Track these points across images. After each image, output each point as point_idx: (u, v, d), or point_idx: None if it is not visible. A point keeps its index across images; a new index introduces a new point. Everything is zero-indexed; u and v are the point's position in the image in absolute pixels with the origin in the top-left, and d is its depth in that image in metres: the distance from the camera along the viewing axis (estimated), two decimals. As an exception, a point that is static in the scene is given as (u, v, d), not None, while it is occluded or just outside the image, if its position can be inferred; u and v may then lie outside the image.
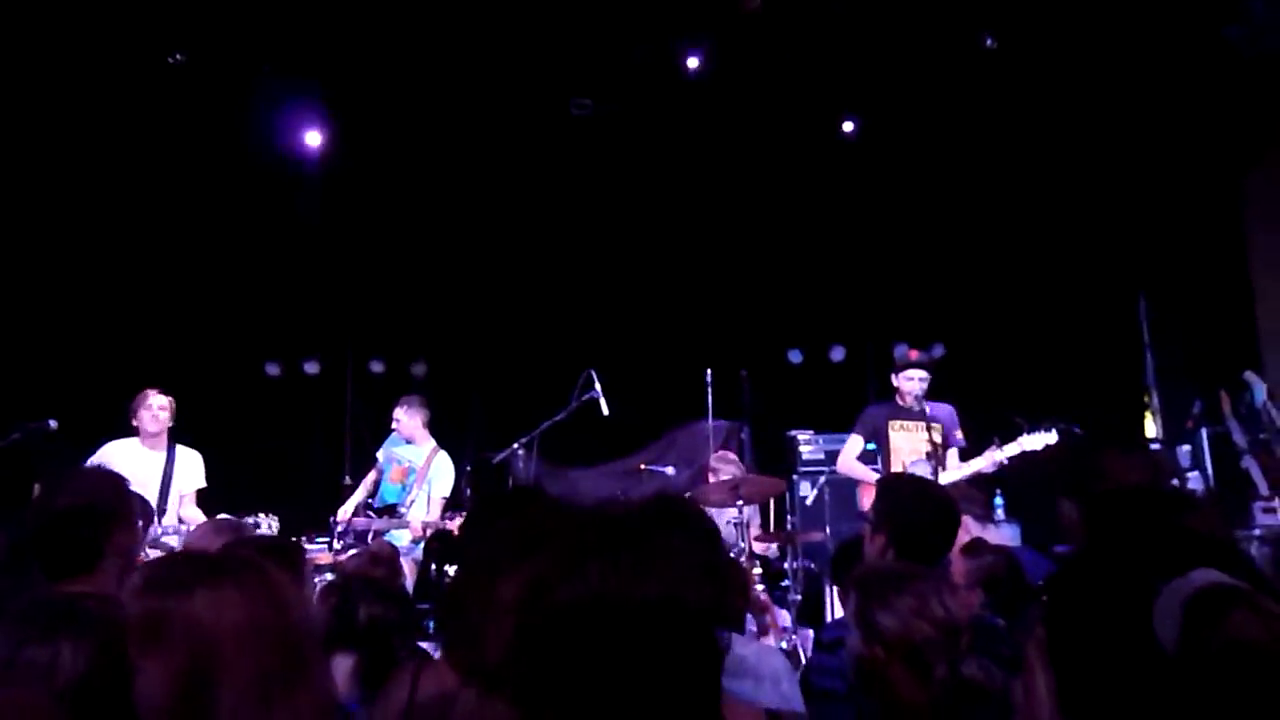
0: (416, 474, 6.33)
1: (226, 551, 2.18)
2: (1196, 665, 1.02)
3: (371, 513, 6.26)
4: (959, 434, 6.16)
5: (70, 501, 2.37)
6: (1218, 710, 1.02)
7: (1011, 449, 5.81)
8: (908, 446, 6.04)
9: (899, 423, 6.12)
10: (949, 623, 1.87)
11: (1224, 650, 1.02)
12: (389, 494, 6.37)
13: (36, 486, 3.02)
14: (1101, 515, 2.02)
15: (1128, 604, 1.08)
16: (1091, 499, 2.28)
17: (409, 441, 6.47)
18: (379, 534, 6.02)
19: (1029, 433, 5.79)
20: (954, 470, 5.89)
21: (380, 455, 6.56)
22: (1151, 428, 8.27)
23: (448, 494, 6.30)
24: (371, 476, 6.55)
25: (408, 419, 6.46)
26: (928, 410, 6.00)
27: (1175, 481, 6.64)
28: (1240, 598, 1.07)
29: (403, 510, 6.19)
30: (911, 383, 6.06)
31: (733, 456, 6.87)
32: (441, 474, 6.36)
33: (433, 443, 6.46)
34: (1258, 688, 1.01)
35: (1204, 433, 7.03)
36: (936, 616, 1.87)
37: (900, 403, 6.13)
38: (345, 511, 6.30)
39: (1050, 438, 5.73)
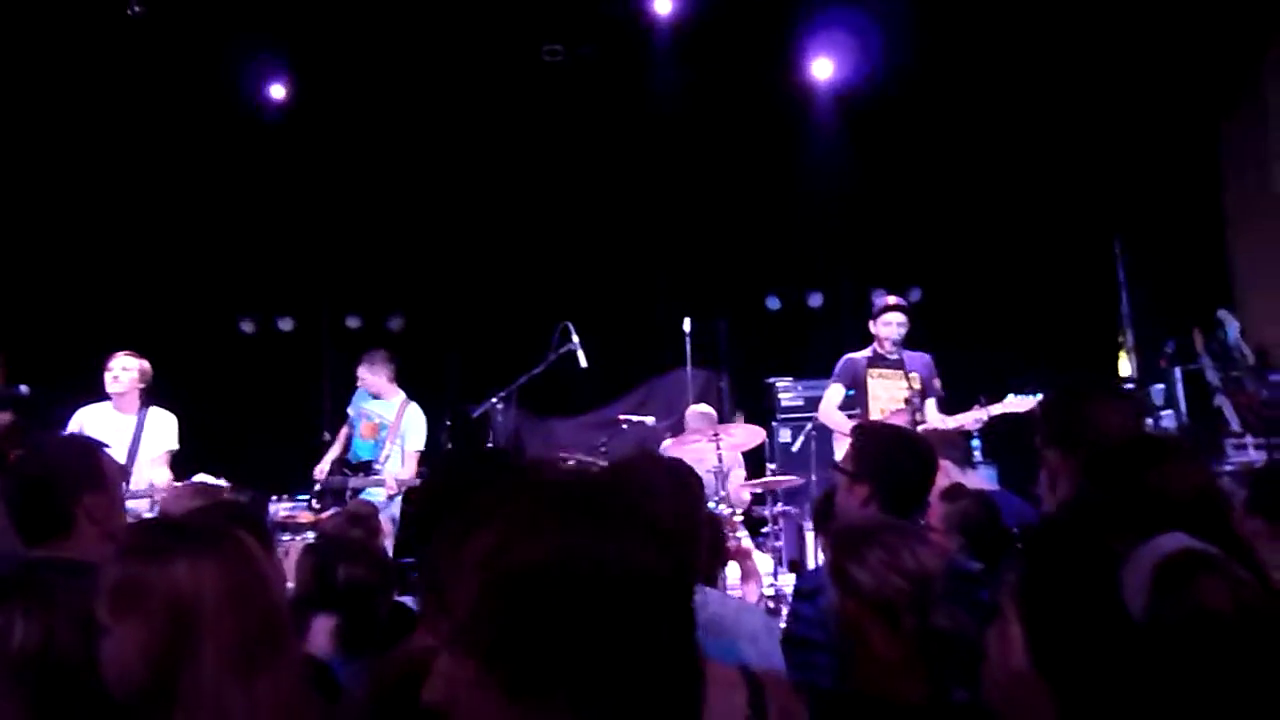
0: (388, 428, 6.30)
1: (205, 520, 2.17)
2: (1164, 632, 1.02)
3: (347, 470, 6.25)
4: (937, 383, 6.16)
5: (38, 468, 2.38)
6: (1185, 678, 1.02)
7: (996, 409, 5.85)
8: (886, 394, 6.05)
9: (878, 370, 6.11)
10: (920, 574, 1.88)
11: (1191, 617, 1.02)
12: (362, 450, 6.34)
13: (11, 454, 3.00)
14: (1087, 461, 2.03)
15: (1097, 569, 1.08)
16: (1080, 444, 2.28)
17: (377, 396, 6.43)
18: (355, 492, 6.02)
19: (1015, 394, 5.84)
20: (935, 422, 5.92)
21: (350, 411, 6.52)
22: (1126, 366, 8.35)
23: (421, 447, 6.29)
24: (344, 432, 6.52)
25: (371, 375, 6.40)
26: (904, 359, 6.01)
27: (1149, 421, 6.73)
28: (1209, 564, 1.07)
29: (378, 467, 6.18)
30: (890, 328, 6.03)
31: (708, 410, 6.86)
32: (414, 427, 6.33)
33: (402, 395, 6.42)
34: (1224, 655, 1.01)
35: (1178, 371, 7.11)
36: (907, 568, 1.88)
37: (879, 349, 6.13)
38: (321, 469, 6.28)
39: (1034, 401, 5.78)
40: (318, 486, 6.18)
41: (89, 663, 1.56)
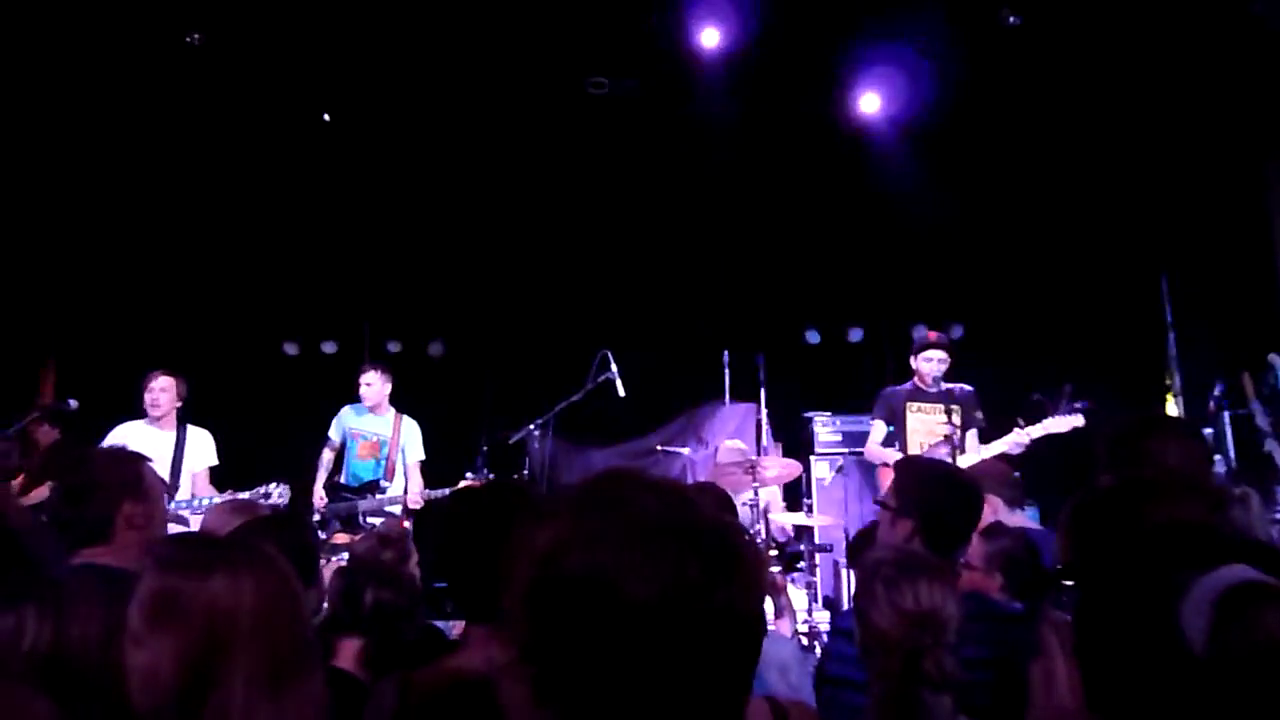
0: (388, 445, 6.32)
1: (242, 538, 2.19)
2: (1226, 664, 0.99)
3: (348, 493, 6.23)
4: (979, 414, 6.11)
5: (82, 475, 2.43)
6: (1248, 710, 0.98)
7: (1036, 430, 5.76)
8: (924, 429, 6.00)
9: (916, 404, 6.09)
10: (919, 613, 1.85)
11: (1256, 649, 0.99)
12: (362, 471, 6.32)
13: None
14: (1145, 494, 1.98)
15: (1155, 601, 1.04)
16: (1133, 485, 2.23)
17: (372, 411, 6.42)
18: (365, 514, 6.03)
19: (1055, 414, 5.74)
20: (972, 453, 5.85)
21: (334, 433, 6.48)
22: (1173, 409, 8.18)
23: (422, 457, 6.33)
24: (326, 456, 6.46)
25: (380, 385, 6.40)
26: (949, 390, 5.95)
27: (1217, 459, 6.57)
28: (1273, 595, 1.03)
29: (384, 484, 6.18)
30: (930, 364, 6.01)
31: (739, 445, 6.82)
32: (413, 439, 6.37)
33: (393, 410, 6.44)
34: None
35: (1226, 415, 6.94)
36: (904, 607, 1.86)
37: (919, 384, 6.08)
38: (320, 495, 6.26)
39: (1077, 420, 5.68)
40: (318, 515, 6.14)
41: (103, 669, 1.57)
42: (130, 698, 1.53)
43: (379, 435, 6.35)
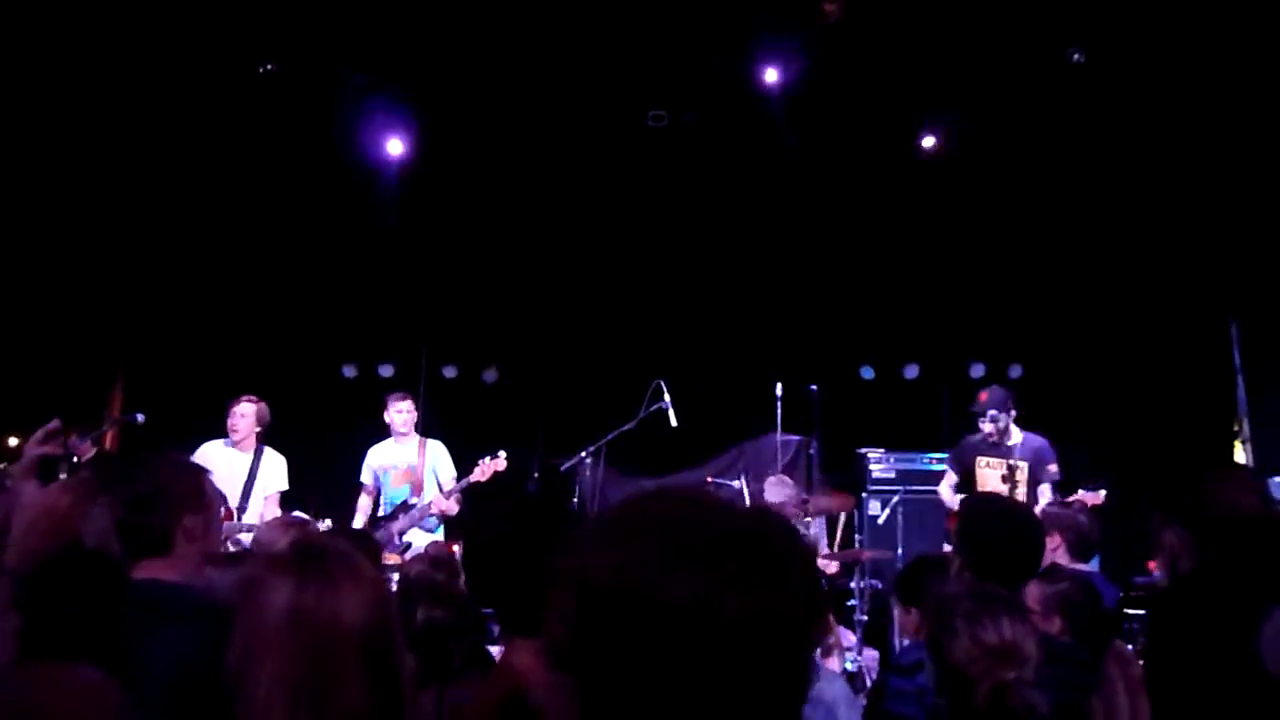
0: (417, 469, 6.38)
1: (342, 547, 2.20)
2: None
3: (384, 522, 6.28)
4: (1053, 467, 6.07)
5: (146, 485, 2.46)
6: None
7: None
8: (993, 482, 6.01)
9: (985, 459, 6.10)
10: (1000, 646, 1.82)
11: None
12: (397, 497, 6.39)
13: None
14: (1216, 537, 1.94)
15: (1233, 627, 1.02)
16: (1208, 522, 2.19)
17: (396, 441, 6.46)
18: (400, 533, 6.10)
19: (1083, 490, 5.75)
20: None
21: (366, 478, 6.51)
22: (1241, 456, 7.95)
23: (455, 473, 6.35)
24: (365, 501, 6.50)
25: (410, 413, 6.46)
26: (1016, 442, 6.00)
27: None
28: None
29: (413, 501, 6.24)
30: (986, 424, 6.03)
31: (788, 480, 6.75)
32: (442, 459, 6.42)
33: (416, 435, 6.49)
34: None
35: (1298, 464, 6.74)
36: (987, 641, 1.82)
37: (984, 438, 6.11)
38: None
39: (1098, 498, 5.66)
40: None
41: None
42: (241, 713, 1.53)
43: (408, 462, 6.43)
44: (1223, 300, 7.93)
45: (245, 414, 5.88)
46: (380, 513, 6.41)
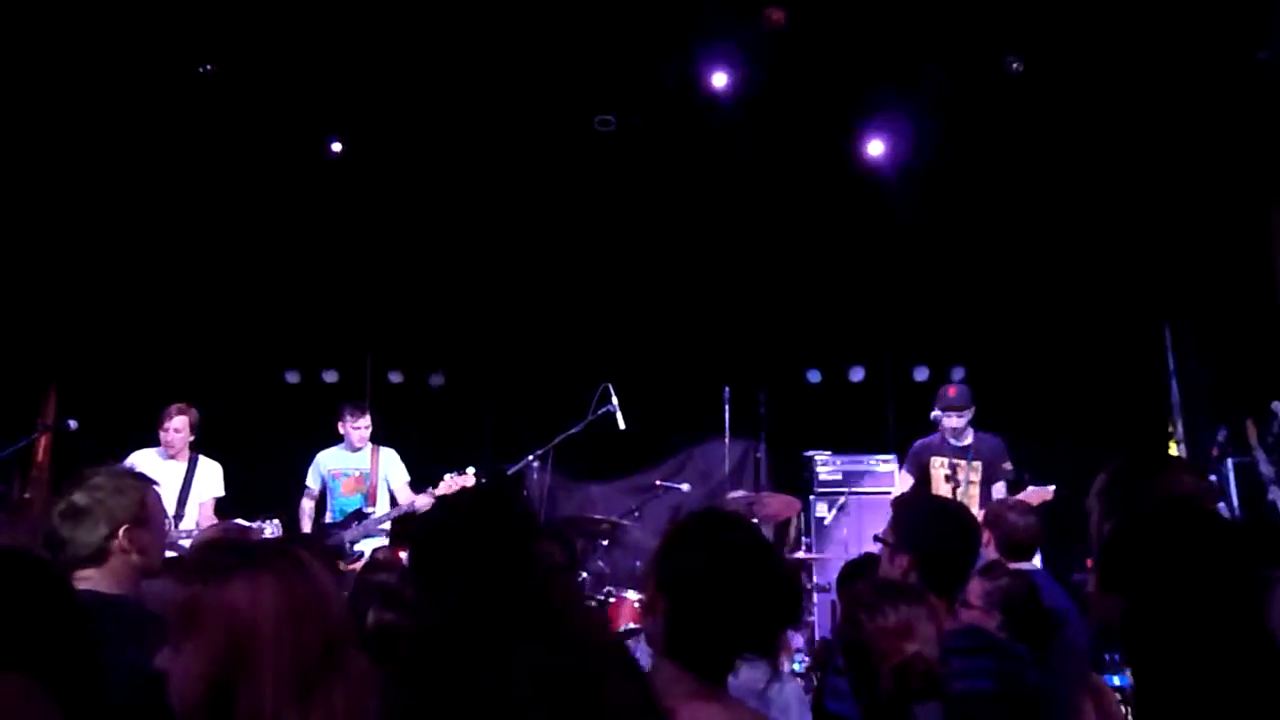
0: (370, 476, 6.37)
1: (274, 543, 2.18)
2: None
3: (336, 528, 6.24)
4: (1007, 465, 6.20)
5: (83, 497, 2.41)
6: None
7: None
8: (943, 482, 6.11)
9: (940, 459, 6.19)
10: (900, 626, 1.99)
11: None
12: (349, 505, 6.40)
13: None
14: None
15: (1242, 595, 1.03)
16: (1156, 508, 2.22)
17: (356, 450, 6.47)
18: (352, 542, 6.07)
19: (1031, 485, 5.86)
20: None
21: (311, 481, 6.54)
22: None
23: (409, 478, 6.37)
24: (308, 504, 6.54)
25: (366, 425, 6.49)
26: (969, 442, 6.13)
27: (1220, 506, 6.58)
28: None
29: (368, 510, 6.23)
30: (950, 419, 6.12)
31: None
32: (393, 467, 6.46)
33: (369, 444, 6.52)
34: None
35: (1229, 463, 6.93)
36: (886, 625, 1.95)
37: (944, 437, 6.19)
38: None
39: (1046, 494, 5.78)
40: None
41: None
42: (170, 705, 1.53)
43: (360, 469, 6.42)
44: (1156, 304, 8.15)
45: (179, 428, 5.85)
46: (328, 519, 6.36)
